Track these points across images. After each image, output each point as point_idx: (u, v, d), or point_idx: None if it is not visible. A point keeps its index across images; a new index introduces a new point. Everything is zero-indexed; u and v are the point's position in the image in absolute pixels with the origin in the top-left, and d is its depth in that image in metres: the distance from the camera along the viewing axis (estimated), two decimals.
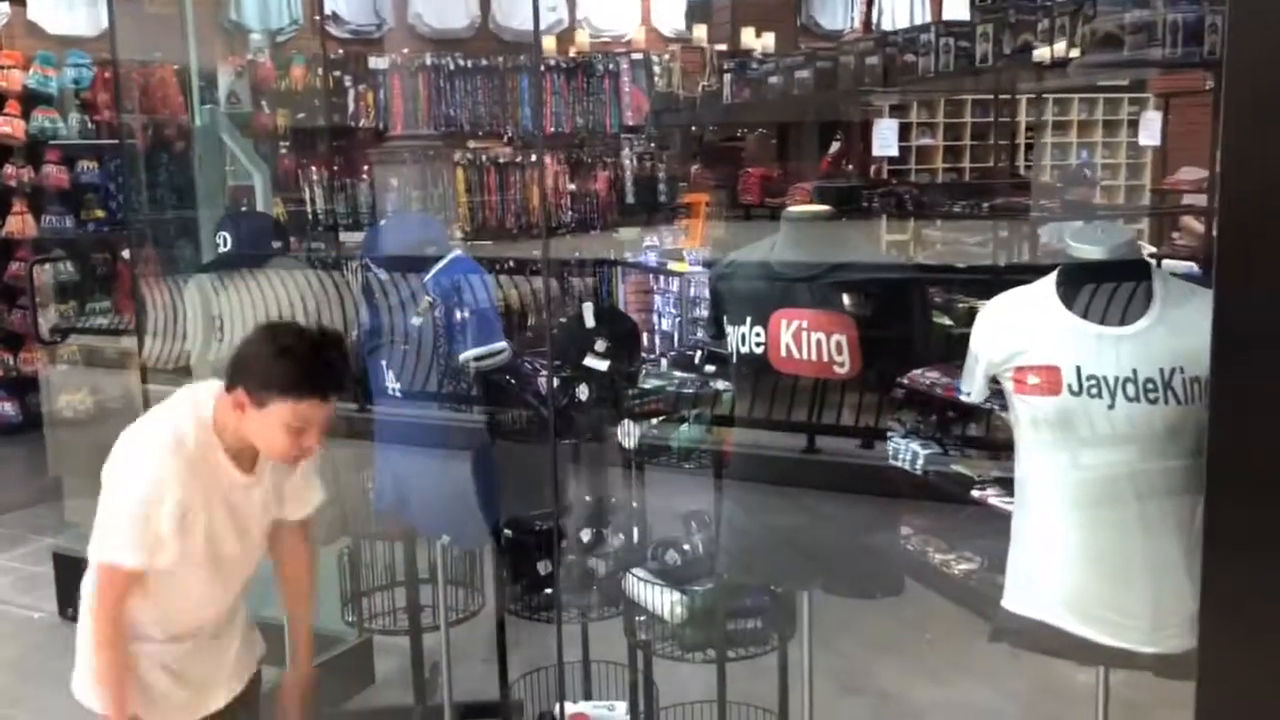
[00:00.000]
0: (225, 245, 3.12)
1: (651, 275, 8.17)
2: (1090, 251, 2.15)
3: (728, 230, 7.06)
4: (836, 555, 2.40)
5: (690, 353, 3.02)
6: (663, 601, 2.75)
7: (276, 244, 3.22)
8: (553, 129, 9.11)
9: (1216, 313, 1.45)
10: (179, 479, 2.11)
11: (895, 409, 5.38)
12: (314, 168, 8.23)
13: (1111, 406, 2.07)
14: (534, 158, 8.82)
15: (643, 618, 2.84)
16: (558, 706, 3.08)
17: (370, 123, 8.94)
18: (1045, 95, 9.29)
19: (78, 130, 7.61)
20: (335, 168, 8.58)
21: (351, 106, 8.89)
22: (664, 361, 2.93)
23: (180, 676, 2.30)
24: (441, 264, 2.77)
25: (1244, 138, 1.36)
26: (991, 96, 8.40)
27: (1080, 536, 2.15)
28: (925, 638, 4.21)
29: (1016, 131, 9.11)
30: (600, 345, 2.87)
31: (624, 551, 2.93)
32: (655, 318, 8.22)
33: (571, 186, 8.99)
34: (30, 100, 7.49)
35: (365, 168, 8.73)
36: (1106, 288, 2.12)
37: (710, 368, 2.80)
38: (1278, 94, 1.32)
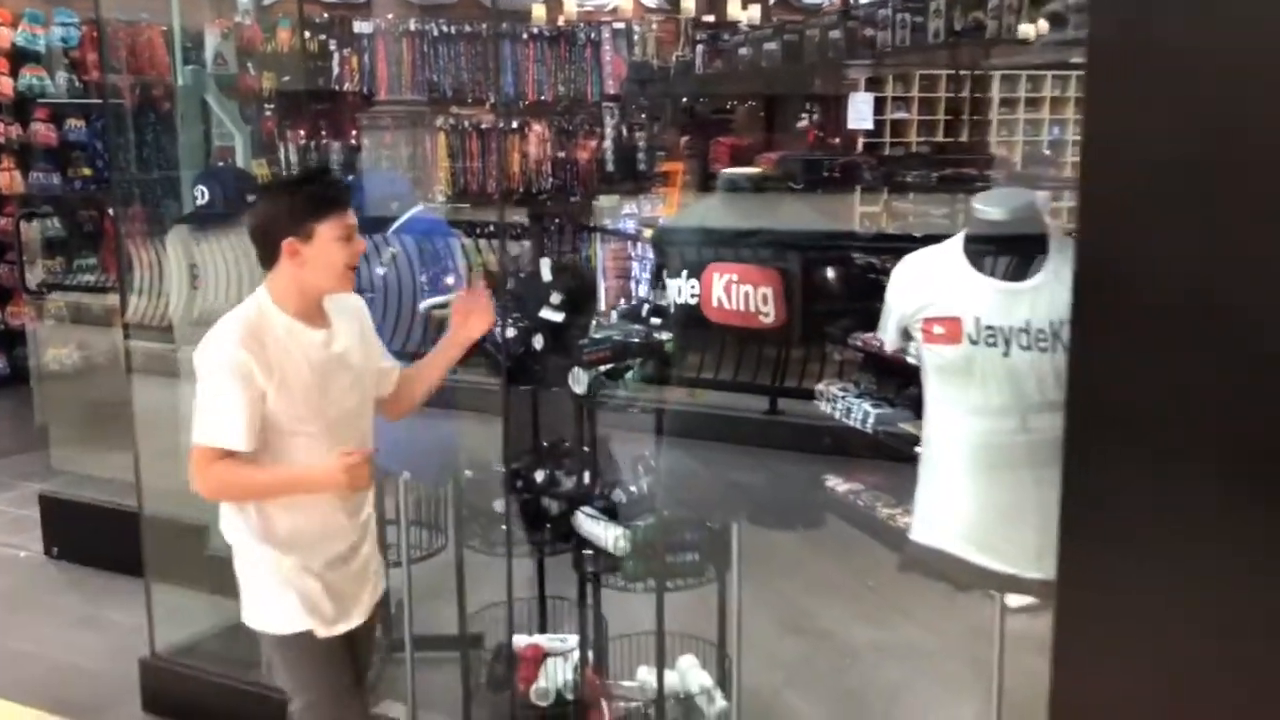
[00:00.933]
0: (202, 199, 3.30)
1: (630, 242, 8.33)
2: (992, 214, 2.35)
3: (698, 198, 7.24)
4: (761, 492, 2.61)
5: (638, 306, 3.22)
6: (607, 536, 2.96)
7: (252, 199, 3.40)
8: (536, 96, 9.27)
9: (1079, 269, 1.60)
10: (254, 351, 2.35)
11: (855, 371, 5.60)
12: (299, 131, 8.35)
13: (1006, 354, 2.28)
14: (515, 124, 8.99)
15: (590, 552, 3.04)
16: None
17: (355, 87, 9.09)
18: (1018, 71, 9.47)
19: (66, 88, 7.72)
20: (322, 131, 8.73)
21: (336, 70, 9.04)
22: (613, 314, 3.12)
23: (330, 588, 2.49)
24: (405, 218, 2.96)
25: (1103, 107, 1.54)
26: (964, 71, 8.58)
27: (977, 473, 2.37)
28: (868, 584, 4.44)
29: (989, 107, 9.29)
30: (556, 298, 3.06)
31: (575, 491, 3.14)
32: (633, 283, 8.39)
33: (553, 154, 9.17)
34: (18, 58, 7.60)
35: (352, 132, 8.88)
36: (1006, 247, 2.33)
37: (655, 320, 3.00)
38: (1131, 63, 1.49)
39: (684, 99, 8.13)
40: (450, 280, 2.94)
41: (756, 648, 3.78)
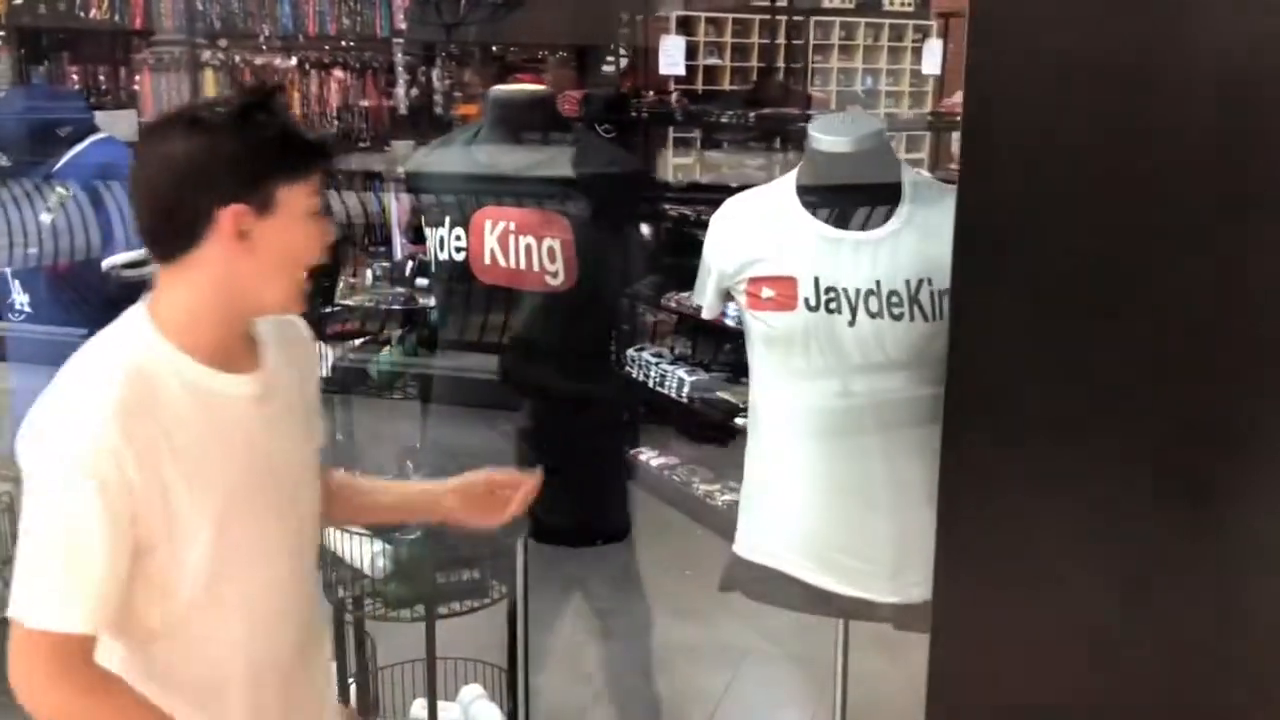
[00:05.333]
0: None
1: None
2: (834, 144, 1.85)
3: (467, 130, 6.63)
4: (547, 499, 2.06)
5: (400, 264, 2.62)
6: (364, 553, 2.37)
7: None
8: (317, 30, 8.40)
9: (958, 224, 1.29)
10: (134, 433, 1.31)
11: (665, 335, 5.17)
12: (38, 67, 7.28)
13: (852, 323, 1.80)
14: (294, 61, 8.11)
15: (345, 572, 2.45)
16: None
17: (103, 15, 8.00)
18: (831, 18, 9.20)
19: None
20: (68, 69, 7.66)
21: None
22: (369, 273, 2.51)
23: None
24: (81, 146, 2.24)
25: (988, 46, 1.27)
26: (775, 17, 8.23)
27: (817, 472, 1.89)
28: (685, 572, 4.00)
29: (803, 54, 8.99)
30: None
31: None
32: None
33: (340, 96, 8.36)
34: None
35: (101, 70, 7.83)
36: (849, 187, 1.84)
37: (422, 280, 2.40)
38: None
39: (511, 49, 7.46)
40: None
41: (558, 661, 3.28)
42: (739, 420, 4.26)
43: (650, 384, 4.57)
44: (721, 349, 4.76)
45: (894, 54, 9.63)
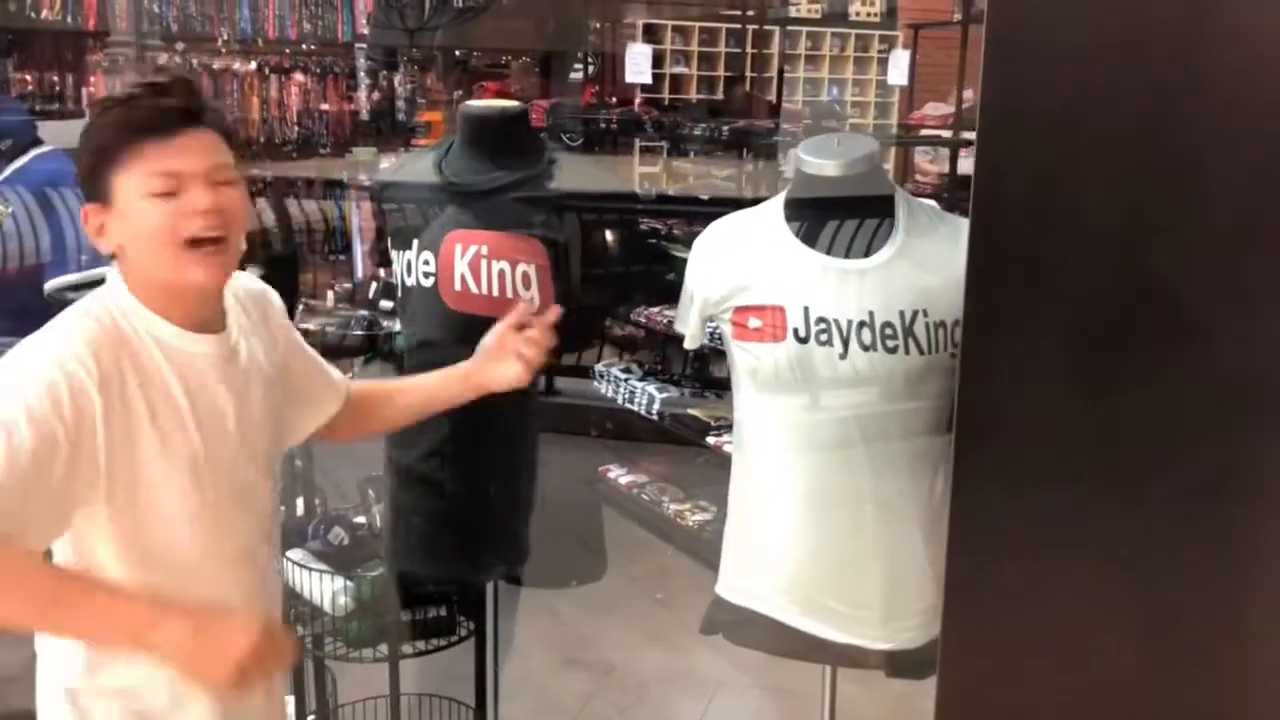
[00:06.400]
0: None
1: None
2: (823, 167, 1.76)
3: (436, 145, 6.52)
4: (521, 538, 1.96)
5: (363, 284, 2.50)
6: (324, 590, 2.25)
7: None
8: (276, 34, 8.22)
9: (971, 257, 1.19)
10: (100, 370, 1.33)
11: (633, 350, 5.06)
12: None
13: (844, 356, 1.70)
14: (253, 65, 7.93)
15: (304, 609, 2.33)
16: None
17: (55, 15, 7.78)
18: (797, 27, 9.14)
19: None
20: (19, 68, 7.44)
21: None
22: (330, 295, 2.39)
23: None
24: (23, 161, 2.10)
25: (1005, 62, 1.15)
26: (743, 26, 8.17)
27: (804, 509, 1.79)
28: (656, 596, 3.90)
29: (770, 64, 8.93)
30: (250, 275, 2.28)
31: (284, 528, 2.40)
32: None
33: (300, 101, 8.19)
34: None
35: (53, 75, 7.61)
36: (841, 212, 1.75)
37: (386, 303, 2.29)
38: (1039, 17, 1.14)
39: (441, 39, 7.32)
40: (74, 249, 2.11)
41: (528, 694, 3.17)
42: (710, 439, 4.17)
43: (620, 400, 4.46)
44: (691, 364, 4.67)
45: (860, 64, 9.61)
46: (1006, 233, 1.21)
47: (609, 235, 1.98)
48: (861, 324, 1.70)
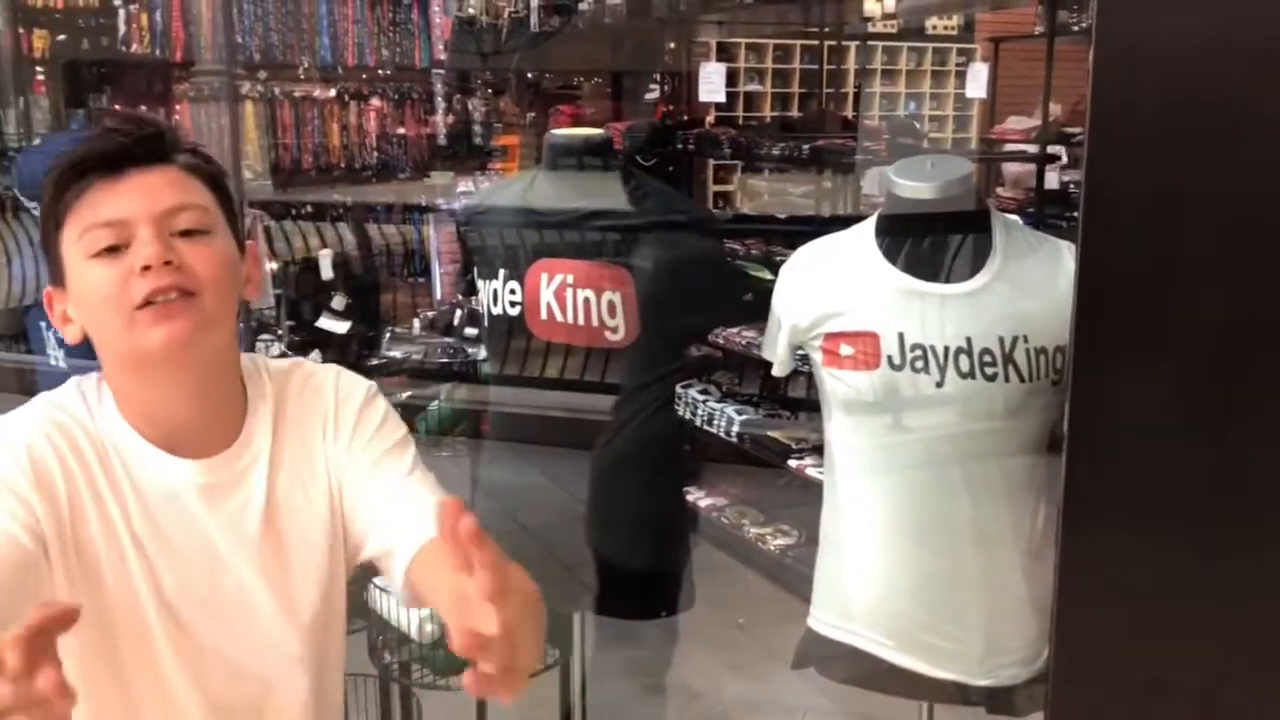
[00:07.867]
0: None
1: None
2: (917, 189, 1.72)
3: (523, 173, 6.54)
4: (610, 568, 1.94)
5: (449, 311, 2.51)
6: (411, 618, 2.25)
7: None
8: (356, 61, 8.37)
9: (1079, 288, 1.15)
10: (43, 462, 1.11)
11: (710, 371, 5.02)
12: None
13: (940, 384, 1.66)
14: (334, 93, 8.08)
15: (391, 636, 2.33)
16: None
17: (144, 49, 8.01)
18: (873, 42, 9.06)
19: None
20: (111, 101, 7.66)
21: (123, 29, 7.95)
22: (416, 323, 2.40)
23: None
24: None
25: (1115, 78, 1.10)
26: (817, 42, 8.11)
27: (900, 541, 1.74)
28: (738, 622, 3.85)
29: (845, 80, 8.86)
30: (339, 302, 2.31)
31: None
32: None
33: (379, 126, 8.32)
34: None
35: (142, 105, 7.83)
36: (936, 235, 1.70)
37: (471, 330, 2.29)
38: (1150, 34, 1.09)
39: (517, 63, 7.39)
40: None
41: (612, 713, 3.14)
42: (791, 462, 4.11)
43: (698, 422, 4.42)
44: (769, 383, 4.61)
45: (937, 78, 9.48)
46: (1118, 262, 1.15)
47: (694, 261, 1.95)
48: (959, 350, 1.65)
